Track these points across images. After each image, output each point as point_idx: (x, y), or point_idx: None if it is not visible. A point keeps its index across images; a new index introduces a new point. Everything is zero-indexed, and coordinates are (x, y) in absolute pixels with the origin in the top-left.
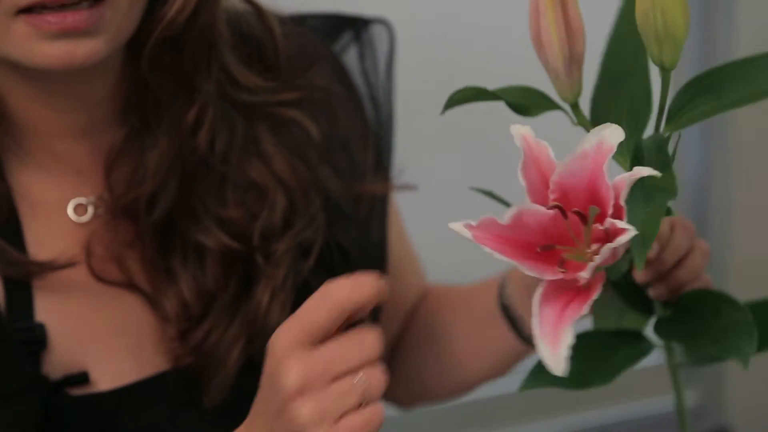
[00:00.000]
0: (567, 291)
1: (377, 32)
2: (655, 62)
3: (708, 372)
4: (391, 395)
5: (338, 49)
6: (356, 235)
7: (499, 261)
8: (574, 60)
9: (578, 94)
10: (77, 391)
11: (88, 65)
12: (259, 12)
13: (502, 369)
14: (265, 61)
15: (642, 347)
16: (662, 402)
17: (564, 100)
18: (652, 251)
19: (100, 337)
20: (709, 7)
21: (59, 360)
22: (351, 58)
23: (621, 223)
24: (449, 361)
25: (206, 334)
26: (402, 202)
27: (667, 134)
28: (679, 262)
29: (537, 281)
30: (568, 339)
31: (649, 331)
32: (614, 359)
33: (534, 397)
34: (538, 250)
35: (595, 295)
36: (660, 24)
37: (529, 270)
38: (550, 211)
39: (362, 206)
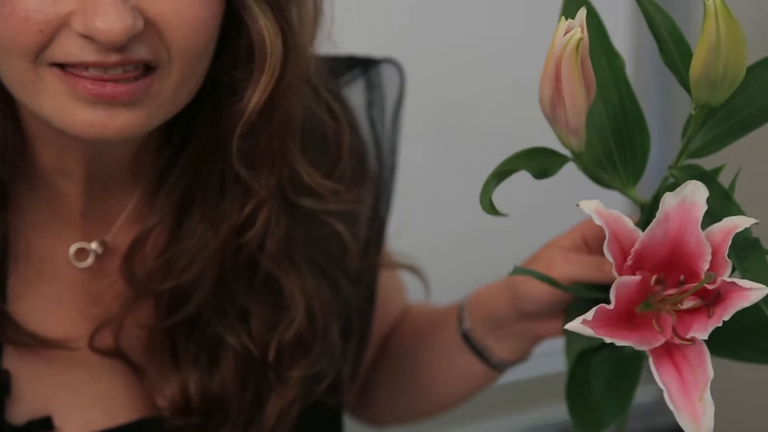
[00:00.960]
0: (672, 355)
1: (387, 74)
2: (698, 103)
3: None
4: (364, 416)
5: (344, 82)
6: (351, 290)
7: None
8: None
9: (584, 142)
10: None
11: (122, 138)
12: (334, 116)
13: (472, 392)
14: (326, 166)
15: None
16: None
17: (574, 149)
18: None
19: (69, 384)
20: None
21: (25, 407)
22: (358, 101)
23: (745, 282)
24: (418, 388)
25: None
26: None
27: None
28: None
29: (495, 315)
30: (709, 406)
31: None
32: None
33: (495, 395)
34: (637, 309)
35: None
36: (721, 71)
37: (638, 346)
38: (637, 278)
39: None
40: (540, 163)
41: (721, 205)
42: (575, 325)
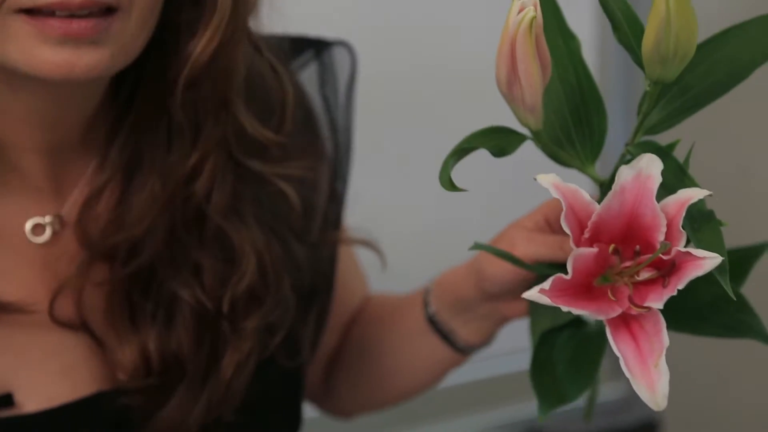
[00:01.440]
0: (629, 324)
1: (339, 55)
2: (651, 79)
3: None
4: (328, 406)
5: (297, 66)
6: (309, 254)
7: None
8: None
9: (542, 120)
10: (1, 414)
11: (88, 78)
12: (277, 74)
13: (437, 378)
14: (271, 124)
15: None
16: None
17: (531, 127)
18: None
19: (31, 360)
20: None
21: None
22: (311, 81)
23: (699, 252)
24: (382, 375)
25: (168, 402)
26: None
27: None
28: None
29: (460, 298)
30: (664, 372)
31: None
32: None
33: (460, 393)
34: (595, 283)
35: (661, 345)
36: (672, 47)
37: (595, 315)
38: (594, 249)
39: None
40: (498, 141)
41: (676, 179)
42: (533, 293)
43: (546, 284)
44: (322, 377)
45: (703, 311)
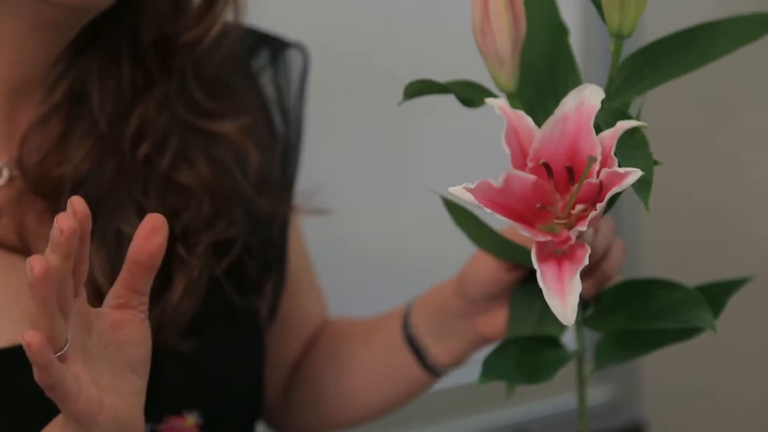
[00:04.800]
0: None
1: (293, 57)
2: (612, 32)
3: (622, 367)
4: (286, 424)
5: (255, 69)
6: (260, 234)
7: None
8: (518, 45)
9: (516, 81)
10: None
11: (96, 7)
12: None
13: (401, 400)
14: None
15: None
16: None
17: (503, 89)
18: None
19: None
20: None
21: None
22: (265, 76)
23: (623, 169)
24: (346, 392)
25: None
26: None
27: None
28: (603, 256)
29: (441, 308)
30: (575, 289)
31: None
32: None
33: (447, 397)
34: (538, 206)
35: (581, 265)
36: None
37: (523, 231)
38: (533, 177)
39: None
40: (471, 93)
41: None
42: (457, 189)
43: (472, 184)
44: (282, 389)
45: (662, 313)
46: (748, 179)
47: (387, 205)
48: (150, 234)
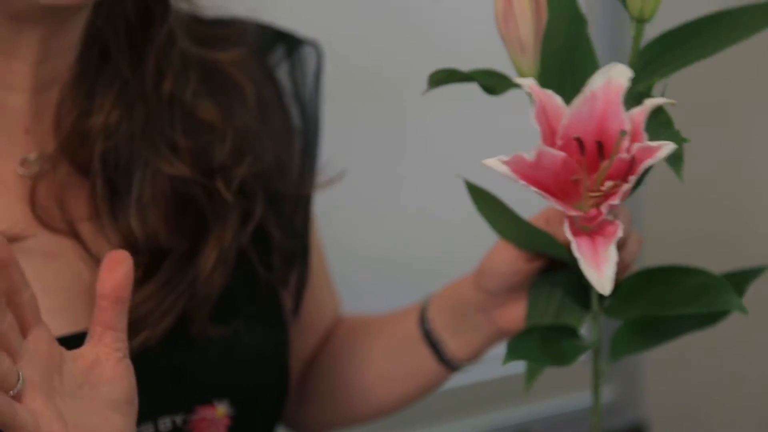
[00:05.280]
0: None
1: (308, 53)
2: (633, 16)
3: (624, 368)
4: (301, 419)
5: (271, 64)
6: (282, 224)
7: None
8: (539, 32)
9: (538, 69)
10: None
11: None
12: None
13: (418, 394)
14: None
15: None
16: (579, 398)
17: (522, 72)
18: None
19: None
20: None
21: None
22: (281, 71)
23: (654, 143)
24: (362, 386)
25: (149, 293)
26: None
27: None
28: (621, 246)
29: (460, 302)
30: (611, 258)
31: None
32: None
33: (452, 396)
34: (572, 179)
35: (614, 238)
36: None
37: (556, 204)
38: (562, 154)
39: (287, 202)
40: (493, 81)
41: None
42: (492, 161)
43: (507, 156)
44: (297, 383)
45: (687, 298)
46: (750, 177)
47: (387, 205)
48: (113, 266)
